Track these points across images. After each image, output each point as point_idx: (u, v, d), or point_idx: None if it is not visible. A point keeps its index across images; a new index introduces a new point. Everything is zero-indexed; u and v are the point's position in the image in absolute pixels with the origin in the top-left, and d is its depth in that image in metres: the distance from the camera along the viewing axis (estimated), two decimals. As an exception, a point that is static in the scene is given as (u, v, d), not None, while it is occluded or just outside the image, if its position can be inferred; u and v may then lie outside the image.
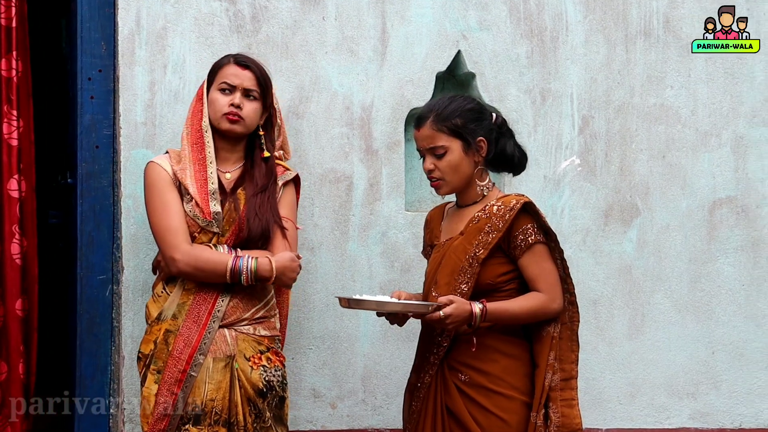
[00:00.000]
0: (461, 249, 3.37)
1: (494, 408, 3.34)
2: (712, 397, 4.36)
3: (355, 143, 4.11)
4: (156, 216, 3.50)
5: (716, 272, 4.36)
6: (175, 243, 3.45)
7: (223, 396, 3.47)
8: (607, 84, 4.30)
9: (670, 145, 4.35)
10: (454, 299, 3.29)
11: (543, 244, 3.38)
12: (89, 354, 3.96)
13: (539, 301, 3.36)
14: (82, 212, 3.95)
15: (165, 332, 3.50)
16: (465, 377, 3.37)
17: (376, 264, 4.12)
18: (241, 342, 3.50)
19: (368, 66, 4.12)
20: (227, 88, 3.52)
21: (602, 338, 4.30)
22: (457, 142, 3.37)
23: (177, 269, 3.46)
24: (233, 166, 3.60)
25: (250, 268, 3.43)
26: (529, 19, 4.25)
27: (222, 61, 3.59)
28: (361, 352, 4.13)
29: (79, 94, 3.95)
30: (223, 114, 3.51)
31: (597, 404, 4.30)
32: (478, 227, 3.37)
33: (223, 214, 3.50)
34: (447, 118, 3.37)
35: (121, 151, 3.93)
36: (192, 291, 3.50)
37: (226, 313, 3.49)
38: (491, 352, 3.38)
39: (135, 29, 3.94)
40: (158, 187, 3.50)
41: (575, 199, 4.28)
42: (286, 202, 3.62)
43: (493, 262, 3.37)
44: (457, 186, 3.42)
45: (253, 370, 3.49)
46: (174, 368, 3.46)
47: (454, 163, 3.38)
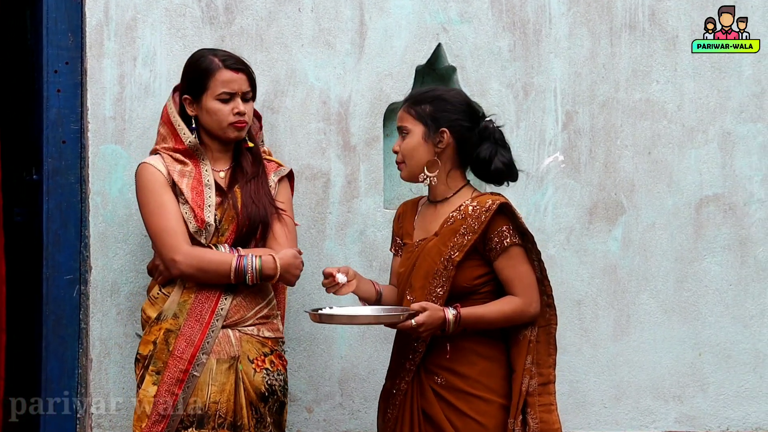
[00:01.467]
0: (436, 251, 3.37)
1: (472, 411, 3.34)
2: (698, 400, 4.36)
3: (332, 139, 4.08)
4: (153, 218, 3.48)
5: (703, 272, 4.36)
6: (174, 245, 3.44)
7: (228, 398, 3.46)
8: (591, 78, 4.29)
9: (655, 141, 4.34)
10: (427, 306, 3.28)
11: (519, 246, 3.38)
12: (55, 356, 3.92)
13: (515, 306, 3.36)
14: (48, 210, 3.91)
15: (165, 332, 3.48)
16: (441, 380, 3.37)
17: (354, 263, 4.06)
18: (245, 343, 3.50)
19: (346, 59, 4.09)
20: (227, 97, 3.52)
21: (586, 340, 4.29)
22: (420, 126, 3.41)
23: (178, 271, 3.44)
24: (225, 165, 3.60)
25: (255, 267, 3.44)
26: (511, 11, 4.22)
27: (210, 66, 3.53)
28: (338, 354, 4.09)
29: (45, 87, 3.90)
30: (229, 123, 3.52)
31: (581, 408, 4.28)
32: (453, 228, 3.36)
33: (222, 214, 3.51)
34: (418, 102, 3.43)
35: (89, 146, 3.88)
36: (193, 290, 3.49)
37: (230, 312, 3.49)
38: (468, 353, 3.37)
39: (103, 20, 3.89)
40: (153, 189, 3.49)
41: (559, 196, 4.26)
42: (283, 197, 3.64)
43: (469, 264, 3.36)
44: (412, 172, 3.44)
45: (256, 373, 3.49)
46: (175, 368, 3.45)
47: (411, 146, 3.42)
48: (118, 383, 3.85)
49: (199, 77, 3.53)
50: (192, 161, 3.55)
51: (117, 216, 3.84)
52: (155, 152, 3.58)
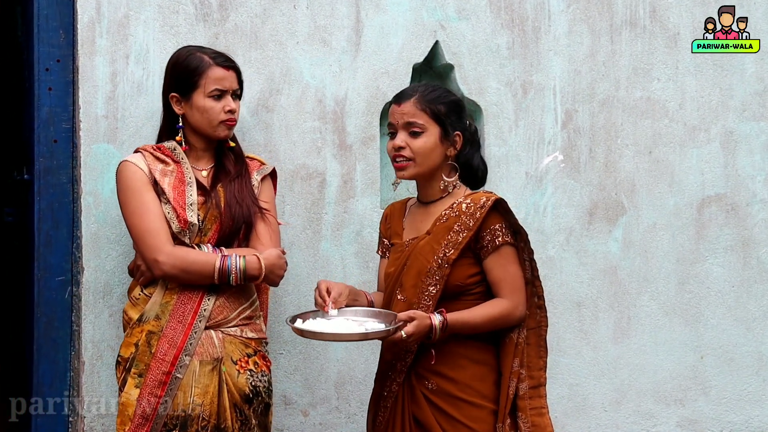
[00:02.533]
0: (428, 249, 3.35)
1: (462, 417, 3.33)
2: (700, 404, 4.37)
3: (328, 138, 4.06)
4: (135, 218, 3.45)
5: (705, 273, 4.38)
6: (157, 245, 3.41)
7: (211, 401, 3.44)
8: (591, 76, 4.29)
9: (657, 140, 4.34)
10: (414, 315, 3.25)
11: (510, 246, 3.35)
12: (47, 359, 3.90)
13: (501, 309, 3.33)
14: (39, 210, 3.88)
15: (147, 334, 3.46)
16: (432, 385, 3.35)
17: (350, 264, 4.07)
18: (228, 344, 3.48)
19: (342, 57, 4.07)
20: (219, 94, 3.51)
21: (586, 342, 4.28)
22: (437, 127, 3.38)
23: (161, 272, 3.42)
24: (208, 164, 3.60)
25: (239, 267, 3.42)
26: (509, 8, 4.22)
27: (201, 63, 3.52)
28: (334, 357, 4.08)
29: (36, 85, 3.88)
30: (220, 121, 3.52)
31: (581, 411, 4.27)
32: (446, 226, 3.34)
33: (204, 213, 3.49)
34: (432, 101, 3.38)
35: (81, 145, 3.85)
36: (175, 290, 3.48)
37: (213, 313, 3.47)
38: (459, 358, 3.35)
39: (95, 17, 3.86)
40: (134, 188, 3.47)
41: (558, 196, 4.25)
42: (266, 196, 3.63)
43: (463, 263, 3.34)
44: (422, 172, 3.39)
45: (239, 375, 3.47)
46: (157, 370, 3.42)
47: (429, 147, 3.36)
48: (111, 386, 3.82)
49: (189, 75, 3.51)
50: (173, 160, 3.53)
51: (109, 216, 3.81)
52: (137, 151, 3.57)
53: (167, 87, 3.56)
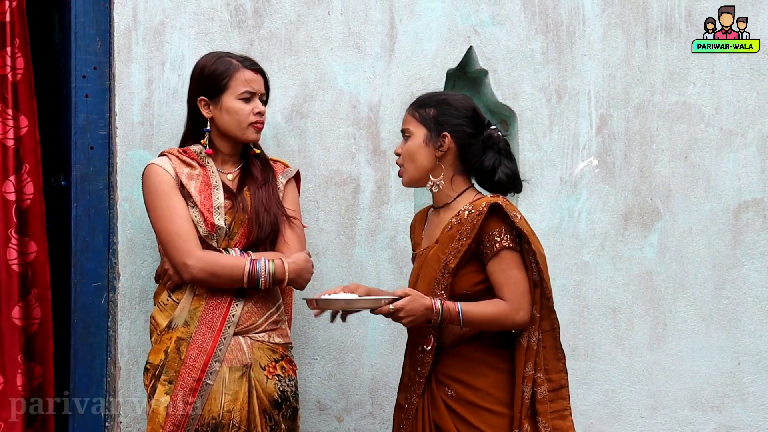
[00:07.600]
0: (435, 259, 3.35)
1: (482, 425, 3.32)
2: (738, 410, 4.34)
3: (361, 144, 4.06)
4: (163, 221, 3.46)
5: (742, 278, 4.35)
6: (186, 248, 3.41)
7: (241, 407, 3.44)
8: (626, 81, 4.27)
9: (692, 144, 4.32)
10: (410, 292, 3.26)
11: (511, 250, 3.30)
12: (84, 365, 3.91)
13: (500, 310, 3.29)
14: (76, 216, 3.91)
15: (177, 340, 3.46)
16: (452, 392, 3.35)
17: (384, 270, 4.06)
18: (257, 350, 3.48)
19: (375, 63, 4.07)
20: (249, 96, 3.53)
21: (622, 348, 4.26)
22: (422, 129, 3.39)
23: (190, 276, 3.42)
24: (234, 168, 3.60)
25: (269, 271, 3.42)
26: (544, 13, 4.21)
27: (230, 66, 3.54)
28: (368, 362, 4.07)
29: (73, 92, 3.90)
30: (249, 124, 3.53)
31: (616, 418, 4.25)
32: (450, 235, 3.34)
33: (231, 217, 3.49)
34: (423, 105, 3.41)
35: (117, 152, 3.87)
36: (203, 296, 3.46)
37: (241, 319, 3.47)
38: (479, 365, 3.34)
39: (132, 24, 3.89)
40: (162, 191, 3.47)
41: (593, 201, 4.24)
42: (291, 199, 3.64)
43: (468, 270, 3.33)
44: (413, 176, 3.41)
45: (268, 380, 3.48)
46: (188, 377, 3.42)
47: (413, 149, 3.38)
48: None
49: (218, 78, 3.52)
50: (199, 164, 3.54)
51: (145, 222, 3.81)
52: (162, 154, 3.58)
53: (194, 92, 3.57)
